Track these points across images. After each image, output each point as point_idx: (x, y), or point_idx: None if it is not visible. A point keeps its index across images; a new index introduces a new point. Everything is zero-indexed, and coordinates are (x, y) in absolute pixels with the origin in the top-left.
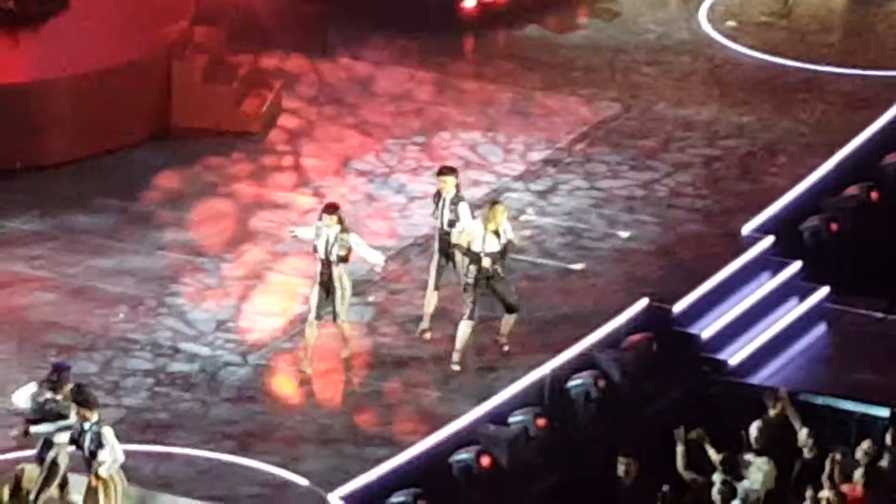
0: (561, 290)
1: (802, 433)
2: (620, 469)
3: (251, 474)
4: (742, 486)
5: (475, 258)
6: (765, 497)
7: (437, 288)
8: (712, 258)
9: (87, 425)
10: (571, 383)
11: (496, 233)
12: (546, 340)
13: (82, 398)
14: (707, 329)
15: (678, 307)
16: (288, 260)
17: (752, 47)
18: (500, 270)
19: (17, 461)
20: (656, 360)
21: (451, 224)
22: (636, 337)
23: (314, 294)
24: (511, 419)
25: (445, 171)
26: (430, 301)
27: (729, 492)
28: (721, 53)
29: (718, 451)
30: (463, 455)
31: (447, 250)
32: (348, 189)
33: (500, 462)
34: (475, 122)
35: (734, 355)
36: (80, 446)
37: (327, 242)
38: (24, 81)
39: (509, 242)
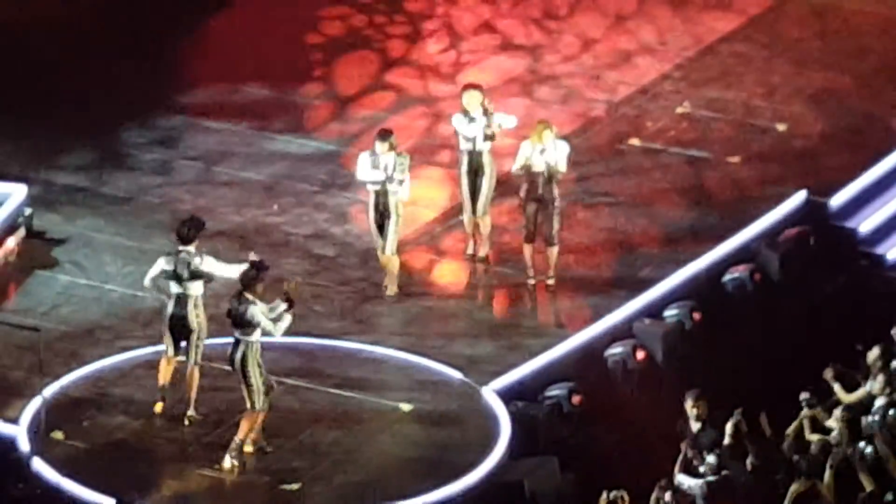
0: (719, 180)
1: None
2: None
3: (405, 366)
4: None
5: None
6: None
7: (474, 212)
8: (870, 152)
9: None
10: (728, 276)
11: (543, 153)
12: (703, 233)
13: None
14: (865, 223)
15: (836, 201)
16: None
17: None
18: (545, 195)
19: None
20: (814, 254)
21: (489, 138)
22: (794, 230)
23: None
24: (666, 313)
25: (470, 86)
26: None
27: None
28: None
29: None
30: (618, 349)
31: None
32: None
33: (655, 356)
34: None
35: (893, 249)
36: None
37: (386, 169)
38: None
39: (554, 169)
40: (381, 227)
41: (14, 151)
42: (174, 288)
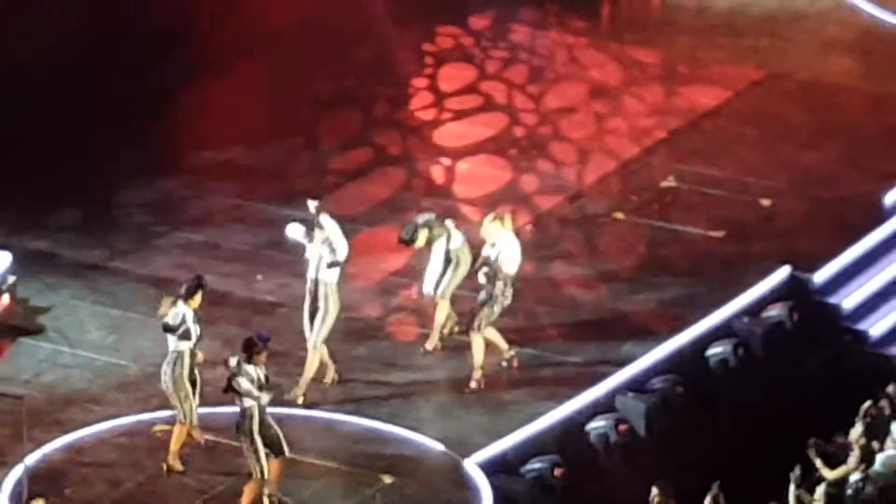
0: (703, 255)
1: None
2: None
3: (388, 438)
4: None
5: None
6: None
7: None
8: (854, 228)
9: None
10: (711, 351)
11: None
12: (687, 308)
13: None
14: (848, 298)
15: (819, 276)
16: None
17: None
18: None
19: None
20: (797, 330)
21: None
22: (777, 306)
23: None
24: (649, 387)
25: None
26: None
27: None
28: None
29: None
30: (600, 423)
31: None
32: None
33: (637, 430)
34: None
35: (876, 325)
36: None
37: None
38: None
39: (496, 266)
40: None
41: None
42: (184, 346)
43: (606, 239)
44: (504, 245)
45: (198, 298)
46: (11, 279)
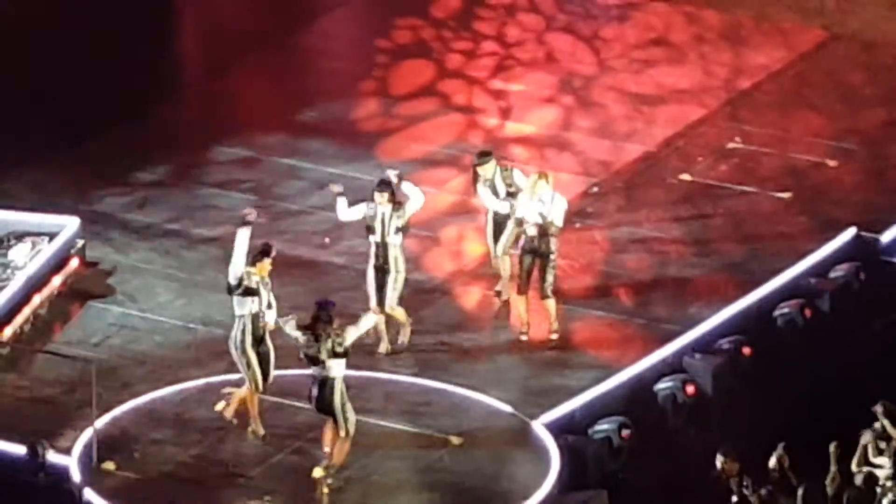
0: (770, 216)
1: None
2: None
3: (455, 400)
4: None
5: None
6: None
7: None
8: None
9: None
10: (778, 311)
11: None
12: (754, 269)
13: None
14: None
15: (886, 237)
16: None
17: None
18: (541, 247)
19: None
20: (863, 290)
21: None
22: (843, 266)
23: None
24: (716, 347)
25: (483, 155)
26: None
27: None
28: None
29: None
30: (668, 383)
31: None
32: None
33: (704, 390)
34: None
35: None
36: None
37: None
38: None
39: (548, 223)
40: (381, 284)
41: (66, 182)
42: (246, 310)
43: (673, 200)
44: (556, 201)
45: (265, 265)
46: (80, 243)
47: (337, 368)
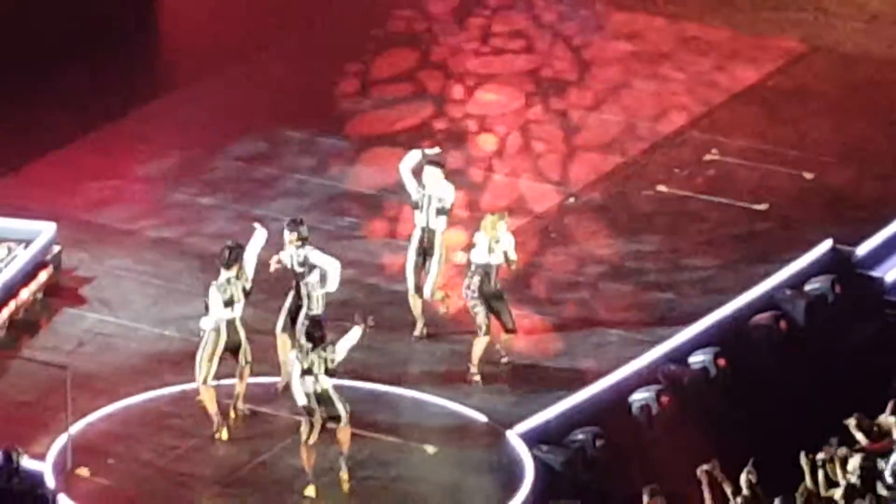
0: (745, 231)
1: None
2: None
3: (430, 410)
4: None
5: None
6: None
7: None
8: None
9: None
10: (753, 323)
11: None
12: (728, 281)
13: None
14: (892, 272)
15: (862, 249)
16: None
17: None
18: (495, 287)
19: None
20: (839, 303)
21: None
22: (819, 279)
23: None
24: (691, 359)
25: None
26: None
27: None
28: None
29: None
30: (643, 394)
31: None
32: None
33: (679, 402)
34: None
35: None
36: None
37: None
38: None
39: (511, 260)
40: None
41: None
42: (228, 314)
43: (650, 212)
44: (508, 238)
45: (237, 267)
46: (56, 249)
47: (328, 382)
